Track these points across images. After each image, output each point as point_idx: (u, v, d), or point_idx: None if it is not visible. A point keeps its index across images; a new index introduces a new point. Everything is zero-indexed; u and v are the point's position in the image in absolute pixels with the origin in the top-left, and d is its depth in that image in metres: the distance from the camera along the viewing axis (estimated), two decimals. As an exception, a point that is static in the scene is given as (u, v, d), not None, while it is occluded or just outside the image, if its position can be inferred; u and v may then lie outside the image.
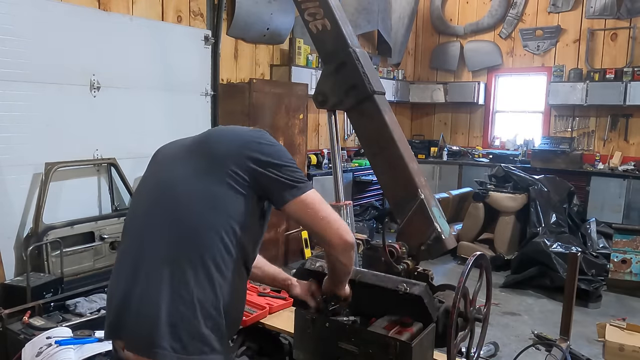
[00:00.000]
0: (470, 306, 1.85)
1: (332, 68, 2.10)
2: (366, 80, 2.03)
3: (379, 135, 2.07)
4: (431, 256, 2.03)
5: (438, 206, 2.08)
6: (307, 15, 2.07)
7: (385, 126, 2.05)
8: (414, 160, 2.11)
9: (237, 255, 1.32)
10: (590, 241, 5.64)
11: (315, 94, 2.18)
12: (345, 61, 2.05)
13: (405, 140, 2.17)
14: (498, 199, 5.65)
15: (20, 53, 3.40)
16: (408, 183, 2.03)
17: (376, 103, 2.05)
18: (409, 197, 2.01)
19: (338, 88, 2.09)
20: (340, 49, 2.05)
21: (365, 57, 2.12)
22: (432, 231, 1.97)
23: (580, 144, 7.50)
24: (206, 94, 4.87)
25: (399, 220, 2.06)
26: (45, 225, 3.41)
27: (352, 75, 2.04)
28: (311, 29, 2.08)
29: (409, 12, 8.06)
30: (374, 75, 2.09)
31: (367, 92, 2.03)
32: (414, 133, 9.13)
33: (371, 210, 6.70)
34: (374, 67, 7.72)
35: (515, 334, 3.95)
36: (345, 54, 2.05)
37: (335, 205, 2.15)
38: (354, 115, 2.11)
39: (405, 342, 1.50)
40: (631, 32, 6.95)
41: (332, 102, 2.13)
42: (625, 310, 4.44)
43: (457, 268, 5.58)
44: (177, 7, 4.68)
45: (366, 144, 2.18)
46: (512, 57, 8.05)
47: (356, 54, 2.05)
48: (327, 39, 2.08)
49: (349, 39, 2.06)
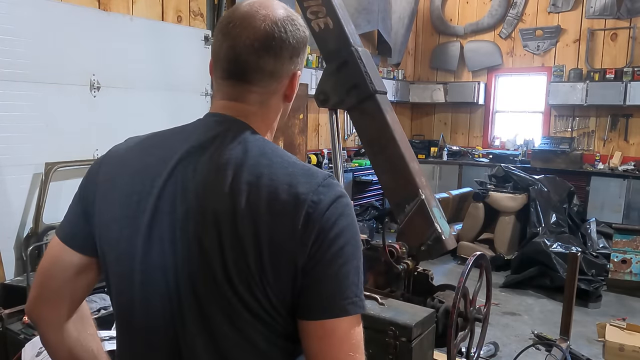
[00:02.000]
0: (470, 306, 1.85)
1: (334, 67, 2.09)
2: (368, 79, 2.02)
3: (380, 135, 2.07)
4: (431, 256, 2.03)
5: (439, 207, 2.08)
6: (309, 13, 2.06)
7: (386, 126, 2.04)
8: (415, 161, 2.11)
9: None
10: (590, 241, 5.64)
11: (317, 93, 2.17)
12: (347, 60, 2.04)
13: (407, 140, 2.17)
14: (498, 199, 5.65)
15: (20, 53, 3.40)
16: (409, 183, 2.03)
17: (378, 102, 2.04)
18: (410, 197, 2.01)
19: (339, 87, 2.08)
20: (342, 48, 2.05)
21: (368, 56, 2.11)
22: (433, 232, 1.97)
23: (580, 144, 7.50)
24: (206, 94, 4.87)
25: (399, 220, 2.06)
26: (45, 225, 3.41)
27: (354, 74, 2.03)
28: (313, 27, 2.06)
29: (409, 12, 8.06)
30: (375, 75, 2.09)
31: (368, 92, 2.02)
32: (414, 133, 9.13)
33: (371, 210, 6.70)
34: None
35: (515, 334, 3.95)
36: (348, 53, 2.04)
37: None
38: (356, 114, 2.11)
39: (406, 342, 1.50)
40: (631, 32, 6.95)
41: (334, 101, 2.12)
42: (625, 310, 4.44)
43: (457, 268, 5.58)
44: (177, 7, 4.68)
45: (367, 143, 2.18)
46: (512, 57, 8.05)
47: (358, 53, 2.04)
48: (329, 37, 2.07)
49: (351, 38, 2.05)
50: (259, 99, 0.93)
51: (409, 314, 1.62)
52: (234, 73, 0.91)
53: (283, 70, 0.93)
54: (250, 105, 0.93)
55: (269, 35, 0.88)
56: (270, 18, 0.89)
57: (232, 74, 0.92)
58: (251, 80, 0.91)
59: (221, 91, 0.94)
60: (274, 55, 0.90)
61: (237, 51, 0.89)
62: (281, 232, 0.81)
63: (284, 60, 0.91)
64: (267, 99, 0.94)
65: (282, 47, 0.90)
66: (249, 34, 0.88)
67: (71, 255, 0.96)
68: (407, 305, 1.74)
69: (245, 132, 0.91)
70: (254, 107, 0.93)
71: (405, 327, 1.53)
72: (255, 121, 0.94)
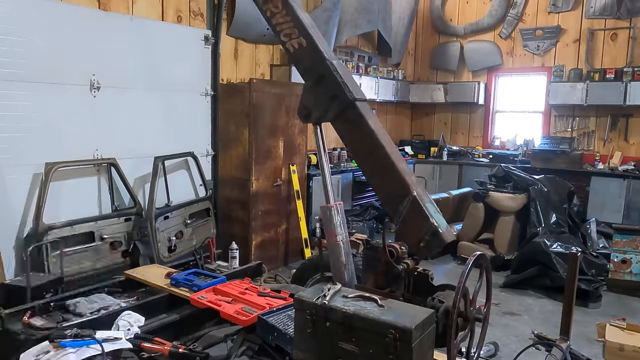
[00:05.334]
0: (470, 306, 1.85)
1: (312, 82, 2.18)
2: (346, 89, 2.10)
3: (365, 140, 2.14)
4: (431, 252, 2.04)
5: (432, 202, 2.11)
6: (283, 36, 2.17)
7: (370, 131, 2.11)
8: (402, 161, 2.15)
9: None
10: (590, 241, 5.64)
11: (299, 109, 2.26)
12: (324, 74, 2.14)
13: (392, 142, 2.23)
14: (498, 199, 5.65)
15: (20, 53, 3.40)
16: (399, 183, 2.07)
17: (358, 109, 2.11)
18: (402, 197, 2.04)
19: (320, 100, 2.17)
20: (317, 63, 2.15)
21: (343, 67, 2.21)
22: (429, 226, 1.99)
23: (580, 144, 7.50)
24: (206, 93, 4.87)
25: (395, 222, 2.08)
26: (45, 225, 3.41)
27: (332, 85, 2.12)
28: (288, 48, 2.16)
29: (409, 12, 8.06)
30: (353, 84, 2.17)
31: (348, 100, 2.10)
32: (414, 133, 9.13)
33: (371, 210, 6.70)
34: (374, 66, 7.74)
35: (515, 334, 3.95)
36: (323, 67, 2.13)
37: (326, 206, 2.18)
38: (339, 123, 2.18)
39: (406, 342, 1.50)
40: (631, 32, 6.95)
41: (316, 115, 2.20)
42: (625, 310, 4.44)
43: (457, 268, 5.58)
44: (177, 7, 4.68)
45: (354, 150, 2.25)
46: (512, 57, 8.05)
47: (333, 65, 2.12)
48: (304, 55, 2.17)
49: (325, 53, 2.14)
50: None
51: (408, 315, 1.62)
52: None
53: None
54: None
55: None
56: None
57: None
58: None
59: None
60: None
61: None
62: None
63: None
64: None
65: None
66: None
67: None
68: (407, 306, 1.74)
69: None
70: None
71: (405, 330, 1.53)
72: None
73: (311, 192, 5.88)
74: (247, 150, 4.99)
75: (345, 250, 2.17)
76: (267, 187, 5.20)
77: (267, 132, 5.12)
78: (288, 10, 2.09)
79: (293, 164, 5.48)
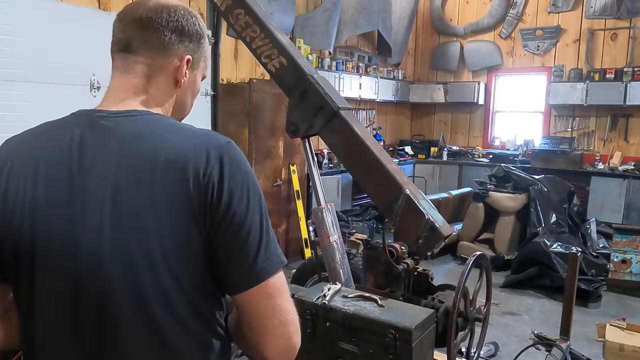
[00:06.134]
0: (470, 306, 1.85)
1: (297, 98, 2.24)
2: (329, 99, 2.17)
3: (353, 146, 2.20)
4: (430, 248, 2.05)
5: (426, 199, 2.13)
6: (263, 58, 2.21)
7: (356, 136, 2.17)
8: (391, 162, 2.20)
9: None
10: (590, 241, 5.64)
11: (287, 125, 2.32)
12: (307, 88, 2.19)
13: (380, 146, 2.31)
14: (498, 199, 5.66)
15: (20, 53, 3.40)
16: (390, 183, 2.10)
17: (343, 117, 2.17)
18: (395, 197, 2.06)
19: (305, 113, 2.22)
20: (299, 79, 2.19)
21: (324, 80, 2.27)
22: (426, 222, 2.00)
23: (580, 144, 7.50)
24: (206, 93, 4.87)
25: (391, 223, 2.09)
26: (45, 225, 3.40)
27: (316, 98, 2.18)
28: (270, 69, 2.21)
29: (409, 12, 8.06)
30: (335, 95, 2.26)
31: (332, 110, 2.15)
32: (414, 133, 9.14)
33: (371, 210, 6.70)
34: (374, 66, 7.75)
35: (515, 334, 3.95)
36: (305, 82, 2.18)
37: (317, 208, 2.19)
38: (326, 134, 2.23)
39: (405, 342, 1.50)
40: (631, 32, 6.96)
41: (304, 129, 2.25)
42: (625, 310, 4.44)
43: (457, 268, 5.58)
44: (177, 7, 4.68)
45: (344, 158, 2.31)
46: (512, 57, 8.05)
47: (314, 79, 2.19)
48: (286, 74, 2.21)
49: (305, 69, 2.20)
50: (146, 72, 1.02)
51: (408, 315, 1.62)
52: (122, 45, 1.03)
53: (169, 46, 1.01)
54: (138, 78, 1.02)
55: (158, 9, 1.00)
56: (162, 2, 1.01)
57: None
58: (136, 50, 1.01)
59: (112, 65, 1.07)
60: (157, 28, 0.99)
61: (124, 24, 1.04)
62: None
63: (170, 36, 1.00)
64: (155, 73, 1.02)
65: (168, 21, 1.00)
66: (138, 10, 1.01)
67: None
68: (407, 306, 1.74)
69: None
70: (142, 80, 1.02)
71: (405, 330, 1.53)
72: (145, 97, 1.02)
73: (311, 192, 5.88)
74: (247, 150, 4.99)
75: (340, 250, 2.18)
76: (267, 187, 5.20)
77: (267, 132, 5.13)
78: (266, 33, 2.16)
79: (293, 164, 5.48)
